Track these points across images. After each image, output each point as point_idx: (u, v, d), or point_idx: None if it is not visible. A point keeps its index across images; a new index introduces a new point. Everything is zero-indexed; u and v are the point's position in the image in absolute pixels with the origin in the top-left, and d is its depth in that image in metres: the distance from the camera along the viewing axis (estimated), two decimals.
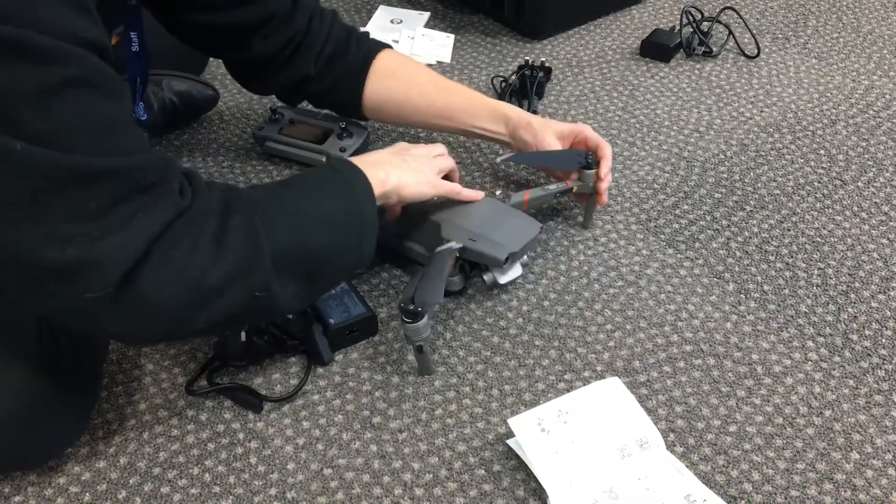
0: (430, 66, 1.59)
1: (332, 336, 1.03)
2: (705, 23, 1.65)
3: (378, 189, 0.95)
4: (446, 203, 1.11)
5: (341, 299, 1.06)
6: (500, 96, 1.46)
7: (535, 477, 0.89)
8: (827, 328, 1.08)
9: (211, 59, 1.59)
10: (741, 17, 1.68)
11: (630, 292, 1.13)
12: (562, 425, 0.91)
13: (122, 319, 0.74)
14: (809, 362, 1.03)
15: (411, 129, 1.40)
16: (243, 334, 1.01)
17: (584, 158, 1.17)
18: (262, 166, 1.35)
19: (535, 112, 1.45)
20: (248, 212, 0.81)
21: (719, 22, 1.66)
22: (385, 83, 1.18)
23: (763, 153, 1.38)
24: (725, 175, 1.33)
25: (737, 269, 1.16)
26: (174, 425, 0.97)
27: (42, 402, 0.85)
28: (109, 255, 0.71)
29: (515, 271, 1.10)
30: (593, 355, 1.04)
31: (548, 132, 1.17)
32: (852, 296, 1.12)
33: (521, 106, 1.46)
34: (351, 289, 1.08)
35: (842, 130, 1.43)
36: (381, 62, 1.18)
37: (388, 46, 1.21)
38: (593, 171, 1.17)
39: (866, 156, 1.37)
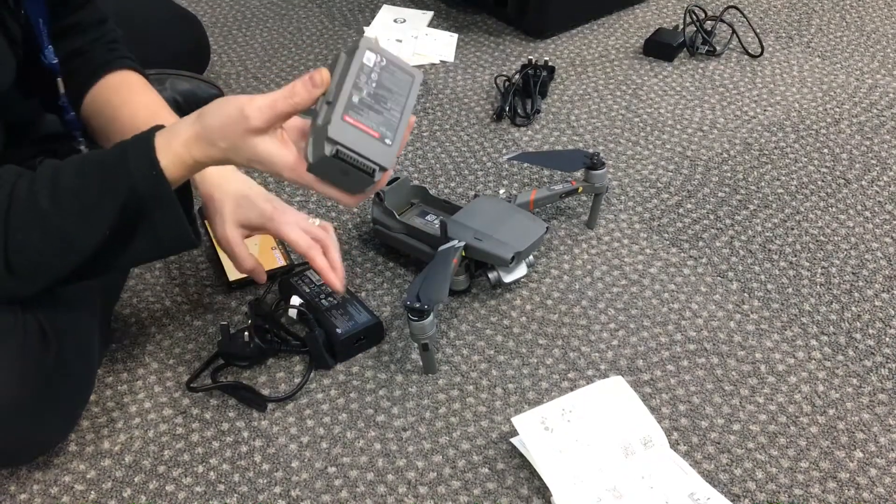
0: (433, 65, 1.59)
1: (341, 347, 1.02)
2: (709, 22, 1.65)
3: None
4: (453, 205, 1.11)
5: (345, 308, 1.05)
6: (504, 95, 1.46)
7: (538, 475, 0.89)
8: (830, 327, 1.08)
9: (213, 57, 1.59)
10: (744, 16, 1.68)
11: (634, 291, 1.13)
12: (565, 424, 0.92)
13: None
14: (813, 361, 1.03)
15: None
16: (247, 334, 1.01)
17: (589, 159, 1.17)
18: None
19: (538, 111, 1.45)
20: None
21: (723, 21, 1.66)
22: (109, 94, 1.05)
23: (766, 152, 1.38)
24: (729, 174, 1.33)
25: (740, 267, 1.16)
26: (179, 424, 0.97)
27: (28, 397, 0.85)
28: None
29: (521, 270, 1.10)
30: (597, 354, 1.04)
31: (230, 220, 0.99)
32: (856, 294, 1.12)
33: (524, 105, 1.47)
34: (352, 296, 1.07)
35: (845, 129, 1.42)
36: (119, 75, 1.06)
37: (138, 70, 1.09)
38: (599, 171, 1.17)
39: (870, 155, 1.37)
